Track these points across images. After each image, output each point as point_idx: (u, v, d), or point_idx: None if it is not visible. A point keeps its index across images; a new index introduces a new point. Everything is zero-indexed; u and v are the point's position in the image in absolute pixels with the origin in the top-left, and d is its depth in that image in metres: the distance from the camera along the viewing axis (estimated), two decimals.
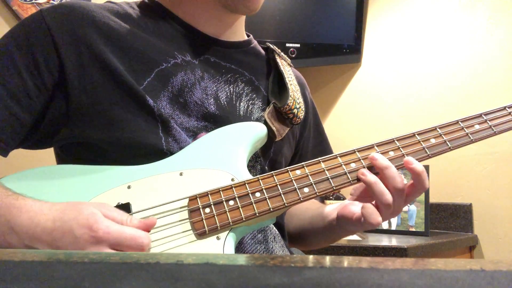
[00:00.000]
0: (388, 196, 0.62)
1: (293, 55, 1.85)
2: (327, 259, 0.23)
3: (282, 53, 0.86)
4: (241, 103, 0.75)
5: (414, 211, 1.62)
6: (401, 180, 0.63)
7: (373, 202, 0.64)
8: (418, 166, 0.63)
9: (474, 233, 1.68)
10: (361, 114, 2.01)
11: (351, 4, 1.95)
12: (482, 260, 0.52)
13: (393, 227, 1.65)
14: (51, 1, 1.45)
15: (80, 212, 0.52)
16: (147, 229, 0.56)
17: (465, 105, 1.73)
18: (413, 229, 1.61)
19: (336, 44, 1.95)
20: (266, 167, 0.76)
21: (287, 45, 1.87)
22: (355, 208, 0.67)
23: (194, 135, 0.70)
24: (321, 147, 0.93)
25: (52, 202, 0.56)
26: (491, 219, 1.65)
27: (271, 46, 0.85)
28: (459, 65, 1.77)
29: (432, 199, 1.72)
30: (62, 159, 0.72)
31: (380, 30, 1.99)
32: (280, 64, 0.82)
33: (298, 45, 1.89)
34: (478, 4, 1.74)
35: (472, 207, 1.69)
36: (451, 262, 0.22)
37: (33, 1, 1.42)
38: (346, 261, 0.22)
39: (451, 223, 1.72)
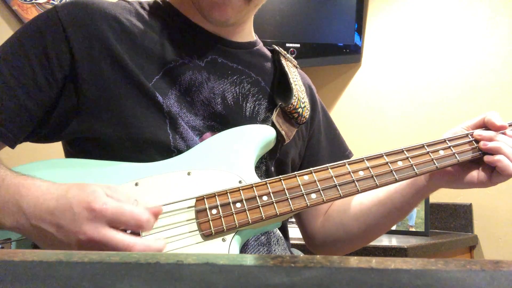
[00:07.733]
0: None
1: (293, 55, 1.85)
2: (327, 259, 0.23)
3: (288, 55, 0.86)
4: (248, 104, 0.75)
5: (414, 211, 1.62)
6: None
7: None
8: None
9: (474, 233, 1.67)
10: (361, 114, 2.01)
11: (351, 4, 1.95)
12: (482, 260, 0.52)
13: (393, 227, 1.65)
14: (51, 1, 1.45)
15: (82, 190, 0.52)
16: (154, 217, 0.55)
17: (464, 104, 1.73)
18: (413, 229, 1.61)
19: (336, 44, 1.95)
20: (272, 168, 0.76)
21: (287, 45, 1.87)
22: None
23: (201, 134, 0.70)
24: (333, 147, 0.91)
25: (61, 182, 0.55)
26: (491, 219, 1.65)
27: (277, 48, 0.85)
28: (459, 64, 1.77)
29: (432, 199, 1.72)
30: (70, 154, 0.73)
31: (380, 30, 1.99)
32: (285, 65, 0.82)
33: (298, 45, 1.88)
34: (478, 4, 1.74)
35: (472, 207, 1.69)
36: (451, 262, 0.22)
37: (33, 1, 1.42)
38: (346, 261, 0.22)
39: (451, 223, 1.72)
